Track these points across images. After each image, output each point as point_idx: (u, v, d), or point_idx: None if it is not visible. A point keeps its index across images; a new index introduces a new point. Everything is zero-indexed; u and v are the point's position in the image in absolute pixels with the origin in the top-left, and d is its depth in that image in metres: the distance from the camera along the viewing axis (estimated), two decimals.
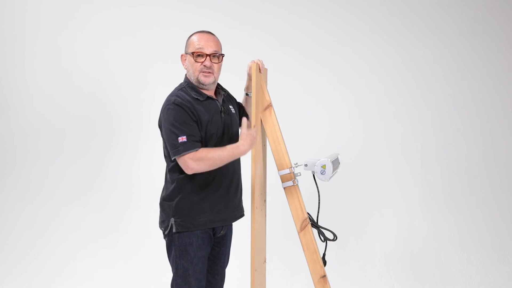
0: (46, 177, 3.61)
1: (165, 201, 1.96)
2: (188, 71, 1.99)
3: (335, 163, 1.97)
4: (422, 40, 3.64)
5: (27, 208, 3.59)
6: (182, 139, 1.81)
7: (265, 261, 2.17)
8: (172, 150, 1.83)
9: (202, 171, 1.84)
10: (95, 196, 3.59)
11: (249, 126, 2.00)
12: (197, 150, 1.81)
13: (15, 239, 3.54)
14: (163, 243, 1.98)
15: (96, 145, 3.63)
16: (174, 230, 1.90)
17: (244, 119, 1.95)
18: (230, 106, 2.08)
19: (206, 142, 1.90)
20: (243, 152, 1.90)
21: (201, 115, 1.89)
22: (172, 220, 1.90)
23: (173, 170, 1.91)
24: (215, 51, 1.94)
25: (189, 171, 1.83)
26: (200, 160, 1.81)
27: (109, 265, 3.40)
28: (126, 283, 3.30)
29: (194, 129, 1.85)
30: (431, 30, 3.64)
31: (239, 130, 2.04)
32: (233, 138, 2.02)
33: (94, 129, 3.63)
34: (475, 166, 3.60)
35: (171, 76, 2.44)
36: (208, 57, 1.92)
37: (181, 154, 1.80)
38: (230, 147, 1.87)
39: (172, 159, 1.86)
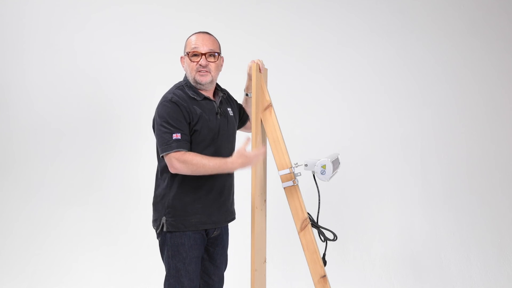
0: (45, 176, 3.61)
1: (157, 200, 1.95)
2: (186, 72, 1.98)
3: (335, 163, 1.97)
4: (422, 40, 3.63)
5: (27, 208, 3.58)
6: (177, 136, 1.80)
7: (265, 261, 2.17)
8: (163, 146, 1.81)
9: (184, 173, 1.84)
10: (95, 195, 3.58)
11: (255, 146, 1.92)
12: (185, 152, 1.80)
13: (15, 239, 3.54)
14: None
15: (96, 144, 3.62)
16: (165, 229, 1.90)
17: (247, 137, 1.89)
18: (229, 108, 2.07)
19: (199, 142, 1.89)
20: (231, 169, 1.85)
21: (194, 116, 1.87)
22: (163, 219, 1.90)
23: (166, 169, 1.89)
24: (211, 49, 1.93)
25: (172, 170, 1.83)
26: (184, 163, 1.79)
27: (109, 265, 3.40)
28: (126, 282, 3.30)
29: (187, 129, 1.85)
30: (431, 30, 3.64)
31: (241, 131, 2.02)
32: (229, 140, 2.02)
33: (94, 128, 3.63)
34: (475, 166, 3.60)
35: (170, 76, 2.43)
36: (203, 56, 1.91)
37: (173, 151, 1.79)
38: (219, 160, 1.82)
39: (161, 155, 1.84)
